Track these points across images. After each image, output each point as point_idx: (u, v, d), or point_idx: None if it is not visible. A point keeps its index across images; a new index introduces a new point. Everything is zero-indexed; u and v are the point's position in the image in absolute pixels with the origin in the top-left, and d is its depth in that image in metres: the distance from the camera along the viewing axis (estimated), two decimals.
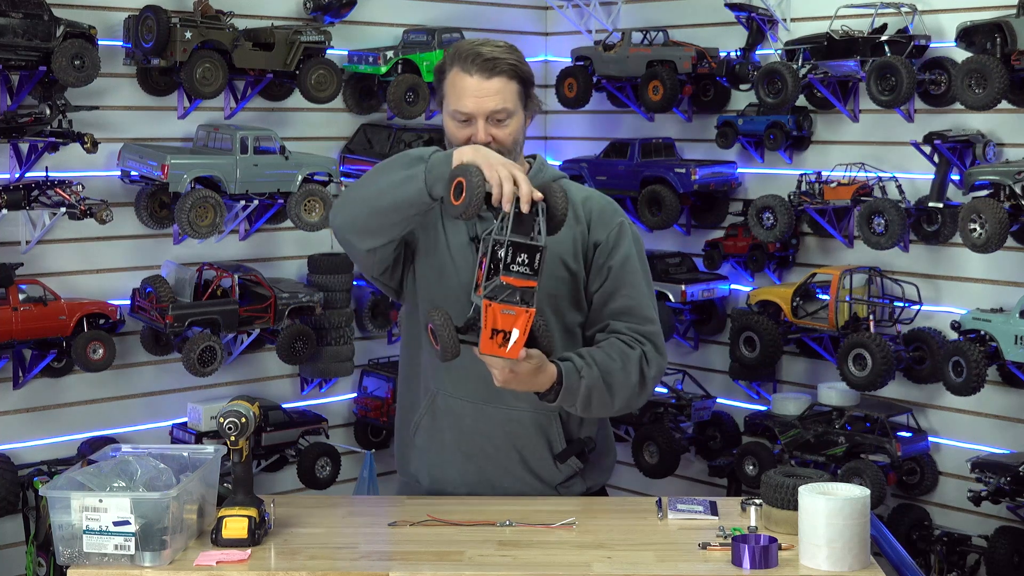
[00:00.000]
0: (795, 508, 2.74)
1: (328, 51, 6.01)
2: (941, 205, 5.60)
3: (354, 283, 6.27)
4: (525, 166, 3.23)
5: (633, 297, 3.18)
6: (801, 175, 6.08)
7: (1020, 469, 5.29)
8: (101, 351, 5.37)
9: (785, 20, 6.20)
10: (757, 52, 6.30)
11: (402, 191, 2.96)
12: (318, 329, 6.04)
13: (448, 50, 3.20)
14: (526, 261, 2.78)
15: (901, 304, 5.80)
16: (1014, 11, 5.14)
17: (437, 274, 3.21)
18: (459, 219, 2.94)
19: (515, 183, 2.81)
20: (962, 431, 5.81)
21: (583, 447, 3.24)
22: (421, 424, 3.27)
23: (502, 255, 2.77)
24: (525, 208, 2.80)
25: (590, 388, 3.03)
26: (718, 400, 6.67)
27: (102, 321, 5.45)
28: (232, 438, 2.85)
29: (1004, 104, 5.24)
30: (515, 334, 2.78)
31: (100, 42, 5.31)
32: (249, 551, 2.74)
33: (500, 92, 3.09)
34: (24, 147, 5.28)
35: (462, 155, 2.88)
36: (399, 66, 6.23)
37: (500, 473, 3.21)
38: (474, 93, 3.09)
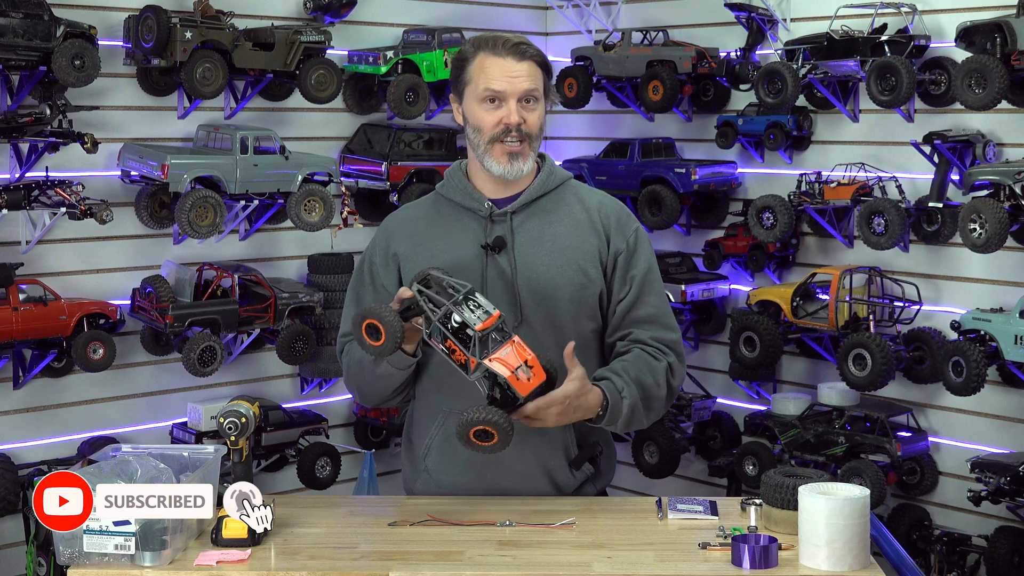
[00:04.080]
0: (795, 508, 2.74)
1: (328, 51, 6.01)
2: (941, 205, 5.60)
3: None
4: (535, 166, 3.23)
5: (656, 306, 3.20)
6: (801, 175, 6.08)
7: (1020, 469, 5.29)
8: (101, 351, 5.37)
9: (785, 20, 6.20)
10: (757, 52, 6.30)
11: (382, 380, 3.14)
12: (318, 329, 6.04)
13: (468, 42, 3.21)
14: (473, 307, 2.81)
15: (901, 304, 5.80)
16: (1014, 11, 5.14)
17: None
18: (380, 357, 2.99)
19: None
20: (962, 431, 5.81)
21: (594, 451, 3.24)
22: (432, 446, 3.23)
23: (457, 320, 2.79)
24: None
25: (632, 408, 3.06)
26: (718, 400, 6.67)
27: (102, 321, 5.45)
28: (232, 438, 2.85)
29: (1004, 104, 5.24)
30: (528, 357, 2.79)
31: (100, 42, 5.31)
32: (249, 551, 2.74)
33: (531, 75, 3.12)
34: (24, 147, 5.28)
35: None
36: (399, 66, 6.23)
37: (517, 485, 3.17)
38: (507, 73, 3.10)
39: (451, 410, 3.15)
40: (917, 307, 5.80)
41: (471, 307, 2.81)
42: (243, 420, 2.85)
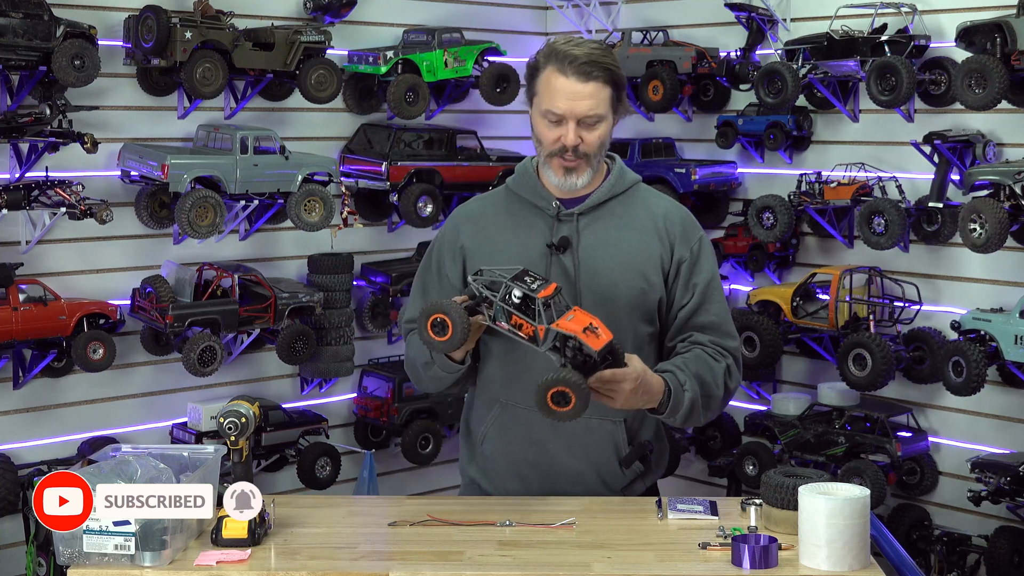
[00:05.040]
0: (795, 508, 2.74)
1: (328, 51, 6.01)
2: (941, 205, 5.60)
3: (354, 283, 6.27)
4: (603, 168, 3.26)
5: (717, 314, 3.23)
6: (801, 175, 6.08)
7: (1020, 469, 5.29)
8: (101, 351, 5.36)
9: (785, 20, 6.20)
10: (757, 52, 6.30)
11: (434, 380, 3.23)
12: (318, 329, 6.04)
13: (544, 47, 3.20)
14: (531, 280, 2.86)
15: (901, 304, 5.80)
16: (1014, 11, 5.14)
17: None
18: (445, 353, 3.02)
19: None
20: (962, 431, 5.81)
21: (645, 450, 3.26)
22: (488, 434, 3.27)
23: (518, 295, 2.85)
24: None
25: (693, 401, 3.08)
26: None
27: (102, 321, 5.45)
28: (232, 438, 2.85)
29: (1004, 104, 5.24)
30: (592, 320, 2.83)
31: (100, 42, 5.31)
32: (249, 551, 2.74)
33: (594, 96, 3.10)
34: (24, 147, 5.28)
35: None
36: (399, 66, 6.23)
37: (567, 482, 3.20)
38: (569, 96, 3.09)
39: (508, 402, 3.20)
40: (917, 307, 5.80)
41: (527, 281, 2.86)
42: (243, 420, 2.84)
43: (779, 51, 6.06)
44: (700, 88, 6.60)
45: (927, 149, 5.58)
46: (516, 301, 2.86)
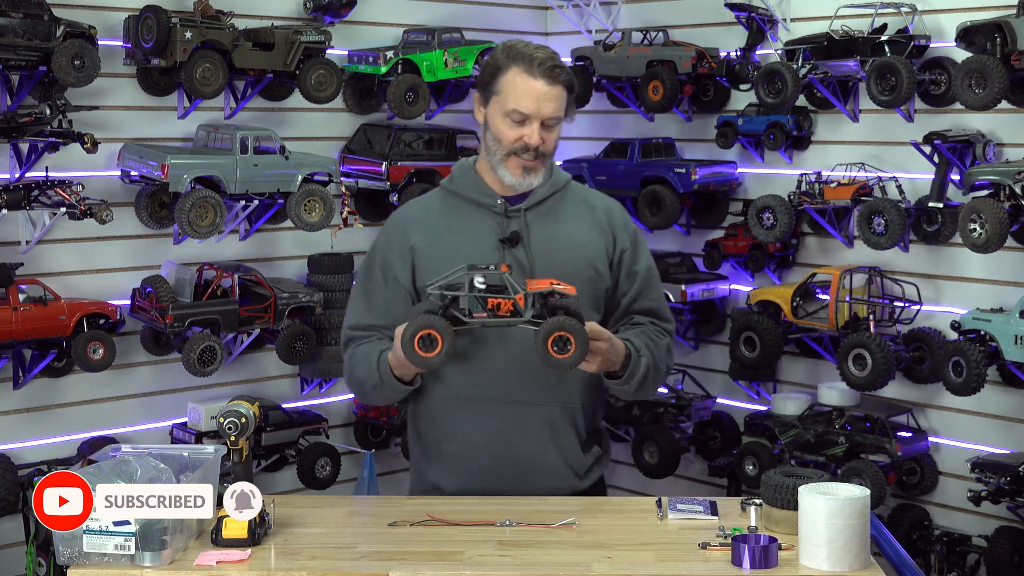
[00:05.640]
0: (795, 508, 2.74)
1: (328, 51, 6.01)
2: (941, 205, 5.60)
3: (354, 283, 6.27)
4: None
5: (656, 299, 3.41)
6: (801, 175, 6.08)
7: (1020, 469, 5.29)
8: (101, 351, 5.37)
9: (785, 20, 6.20)
10: (757, 52, 6.30)
11: (385, 399, 3.31)
12: (318, 329, 6.04)
13: (502, 49, 3.26)
14: (483, 267, 2.95)
15: (901, 304, 5.80)
16: (1014, 11, 5.14)
17: None
18: (434, 368, 3.05)
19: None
20: (962, 431, 5.81)
21: (601, 435, 3.42)
22: (449, 435, 3.28)
23: (481, 279, 2.93)
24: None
25: (647, 368, 3.23)
26: (718, 400, 6.67)
27: (102, 321, 5.45)
28: (232, 438, 2.85)
29: (1004, 104, 5.24)
30: (550, 279, 2.96)
31: (100, 42, 5.31)
32: (249, 551, 2.74)
33: (557, 99, 3.21)
34: (24, 147, 5.28)
35: (396, 356, 3.09)
36: (399, 66, 6.23)
37: (536, 472, 3.25)
38: (537, 97, 3.18)
39: (470, 396, 3.24)
40: (917, 307, 5.80)
41: (482, 268, 2.95)
42: (243, 420, 2.84)
43: (779, 51, 6.06)
44: (700, 88, 6.60)
45: (927, 149, 5.58)
46: (482, 287, 2.92)
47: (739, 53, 6.30)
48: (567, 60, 6.84)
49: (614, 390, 3.26)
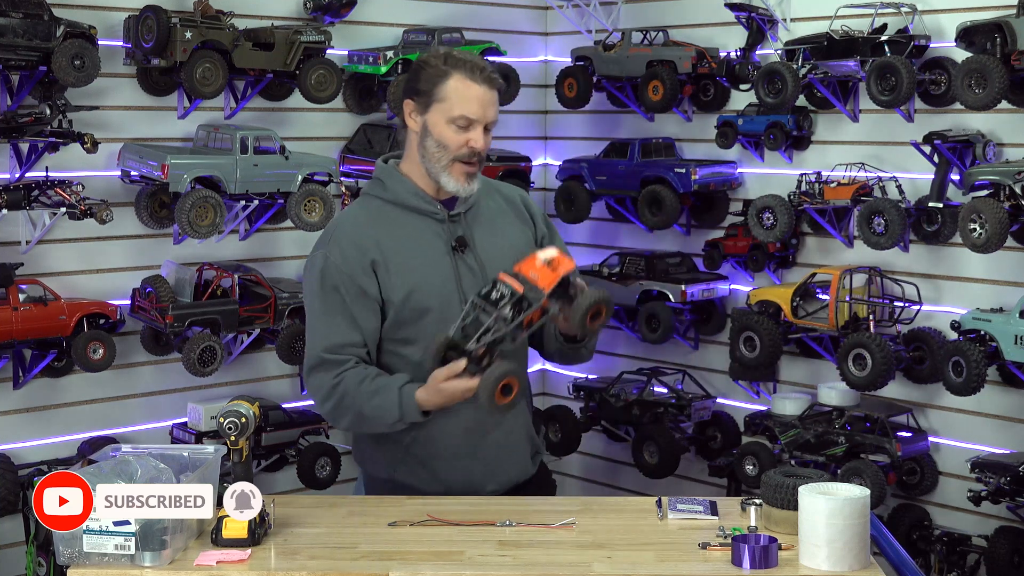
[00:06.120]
0: (795, 508, 2.74)
1: (328, 51, 6.01)
2: (941, 205, 5.60)
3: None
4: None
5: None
6: (801, 175, 6.08)
7: (1020, 469, 5.29)
8: (101, 351, 5.36)
9: (785, 20, 6.20)
10: (757, 52, 6.30)
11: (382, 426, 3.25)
12: None
13: (437, 55, 3.27)
14: (485, 294, 3.03)
15: (901, 304, 5.79)
16: (1014, 11, 5.14)
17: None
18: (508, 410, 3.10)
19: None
20: (962, 431, 5.81)
21: (538, 422, 3.55)
22: (418, 437, 3.27)
23: (507, 312, 2.99)
24: None
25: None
26: (718, 400, 6.67)
27: (102, 321, 5.45)
28: (232, 438, 2.85)
29: (1004, 104, 5.24)
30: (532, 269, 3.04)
31: (100, 42, 5.31)
32: (249, 551, 2.75)
33: (495, 104, 3.30)
34: (24, 147, 5.28)
35: (433, 400, 3.12)
36: (399, 66, 6.23)
37: (510, 465, 3.30)
38: (483, 102, 3.24)
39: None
40: (917, 307, 5.80)
41: (492, 294, 3.02)
42: (243, 420, 2.85)
43: (779, 51, 6.06)
44: (700, 88, 6.60)
45: (927, 149, 5.58)
46: (508, 314, 2.98)
47: (739, 53, 6.30)
48: (567, 60, 6.89)
49: (571, 357, 3.38)
